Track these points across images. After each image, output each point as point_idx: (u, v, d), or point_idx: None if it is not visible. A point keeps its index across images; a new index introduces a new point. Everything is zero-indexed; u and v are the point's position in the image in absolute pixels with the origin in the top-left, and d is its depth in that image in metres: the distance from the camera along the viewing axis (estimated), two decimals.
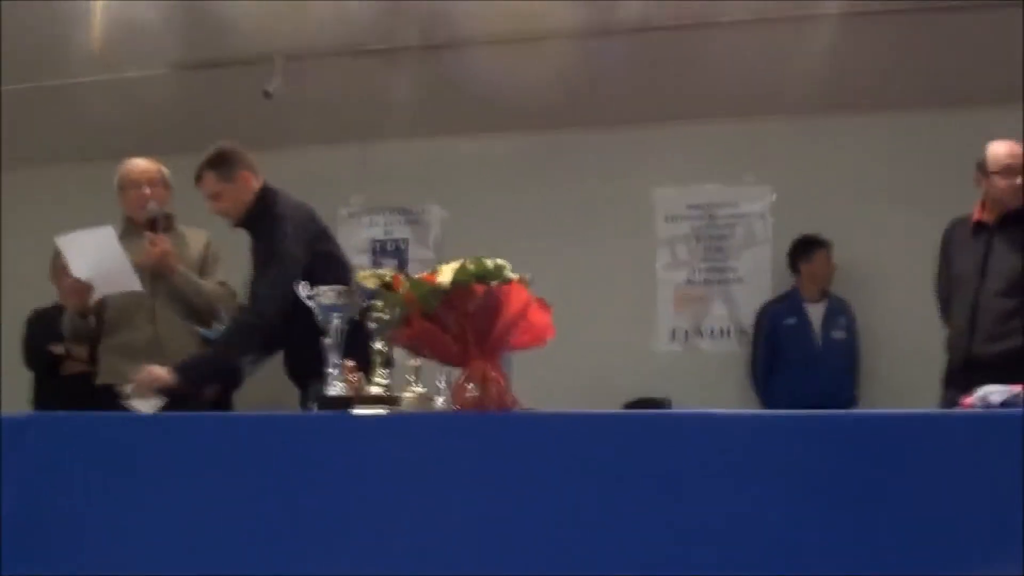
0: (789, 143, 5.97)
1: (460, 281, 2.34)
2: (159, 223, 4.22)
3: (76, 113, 6.39)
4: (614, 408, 4.67)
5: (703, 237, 5.86)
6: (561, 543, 2.28)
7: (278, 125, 6.37)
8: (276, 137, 6.50)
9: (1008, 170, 4.43)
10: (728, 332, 5.96)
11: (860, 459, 2.18)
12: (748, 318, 5.97)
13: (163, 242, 4.16)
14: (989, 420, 2.25)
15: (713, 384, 5.78)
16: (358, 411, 2.58)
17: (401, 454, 2.41)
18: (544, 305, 2.49)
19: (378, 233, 6.52)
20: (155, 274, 4.17)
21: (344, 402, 2.67)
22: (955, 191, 5.67)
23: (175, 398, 3.70)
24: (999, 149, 4.47)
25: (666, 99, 5.99)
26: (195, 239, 4.46)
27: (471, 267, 2.36)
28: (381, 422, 2.49)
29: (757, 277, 5.97)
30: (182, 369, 3.81)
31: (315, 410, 2.73)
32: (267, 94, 5.97)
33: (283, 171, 6.50)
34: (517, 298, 2.41)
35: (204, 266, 4.39)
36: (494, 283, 2.38)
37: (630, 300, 5.60)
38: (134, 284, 4.08)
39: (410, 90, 6.18)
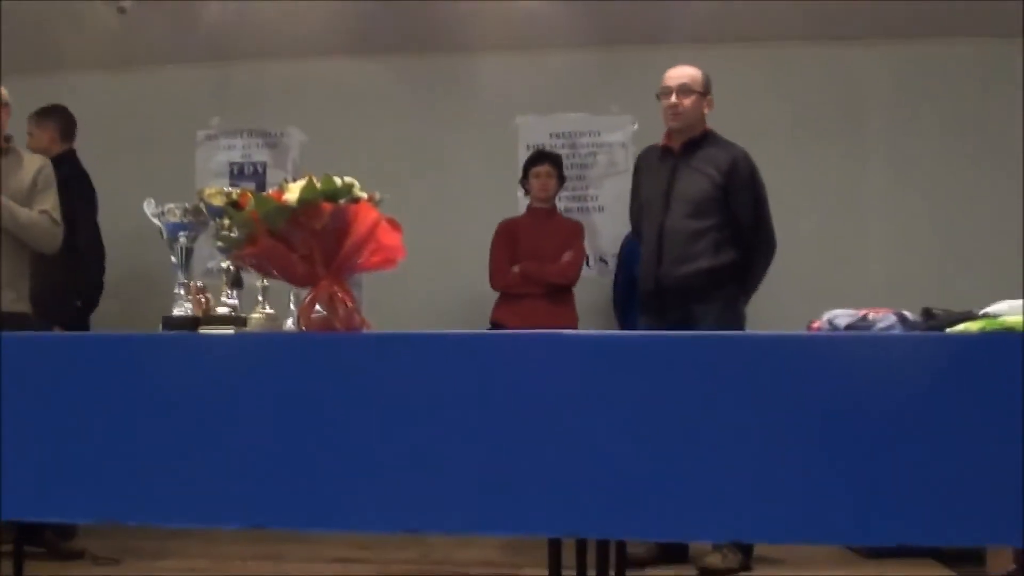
0: (654, 73, 5.99)
1: (307, 199, 2.30)
2: None
3: None
4: None
5: (565, 166, 5.86)
6: (406, 464, 2.29)
7: (133, 44, 6.17)
8: (131, 56, 6.31)
9: (664, 91, 4.62)
10: (588, 261, 6.01)
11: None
12: (609, 247, 6.04)
13: None
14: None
15: None
16: (205, 331, 2.55)
17: (248, 375, 2.39)
18: (394, 225, 2.46)
19: (236, 156, 6.39)
20: None
21: (191, 322, 2.63)
22: (815, 125, 5.86)
23: None
24: (666, 72, 4.67)
25: (530, 26, 5.98)
26: (30, 164, 4.41)
27: (319, 185, 2.33)
28: (227, 342, 2.46)
29: (618, 206, 5.99)
30: None
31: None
32: (121, 10, 5.79)
33: (138, 91, 6.36)
34: (366, 217, 2.37)
35: (33, 192, 4.34)
36: (342, 201, 2.35)
37: (491, 227, 5.59)
38: None
39: (270, 9, 6.05)
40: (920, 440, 2.12)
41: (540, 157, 5.65)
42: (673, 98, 4.55)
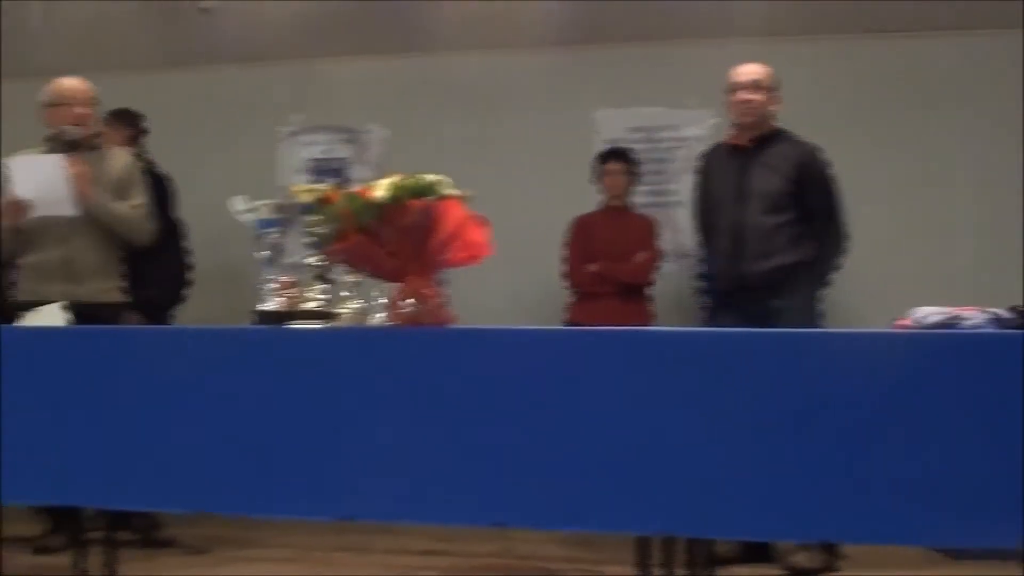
0: (731, 68, 5.96)
1: (396, 196, 2.34)
2: (78, 145, 4.30)
3: (8, 31, 6.23)
4: None
5: (644, 160, 5.83)
6: (493, 457, 2.31)
7: (215, 42, 6.26)
8: (215, 54, 6.40)
9: (734, 87, 4.60)
10: (667, 255, 5.98)
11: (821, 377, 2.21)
12: (689, 241, 5.98)
13: (76, 165, 4.21)
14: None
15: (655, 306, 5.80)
16: (295, 325, 2.59)
17: (336, 368, 2.42)
18: (481, 222, 2.49)
19: (317, 152, 6.46)
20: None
21: (281, 316, 2.68)
22: (893, 119, 5.78)
23: None
24: (735, 69, 4.66)
25: (608, 21, 5.96)
26: (119, 158, 4.52)
27: (407, 182, 2.36)
28: (317, 336, 2.50)
29: None
30: None
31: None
32: (204, 10, 5.86)
33: (222, 89, 6.46)
34: (453, 214, 2.41)
35: (122, 186, 4.44)
36: (430, 199, 2.38)
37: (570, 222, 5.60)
38: (71, 209, 4.21)
39: (352, 7, 6.10)
40: (1005, 442, 2.10)
41: (609, 154, 5.64)
42: (744, 94, 4.55)
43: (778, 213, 4.52)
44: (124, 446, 2.56)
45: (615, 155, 5.62)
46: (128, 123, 5.34)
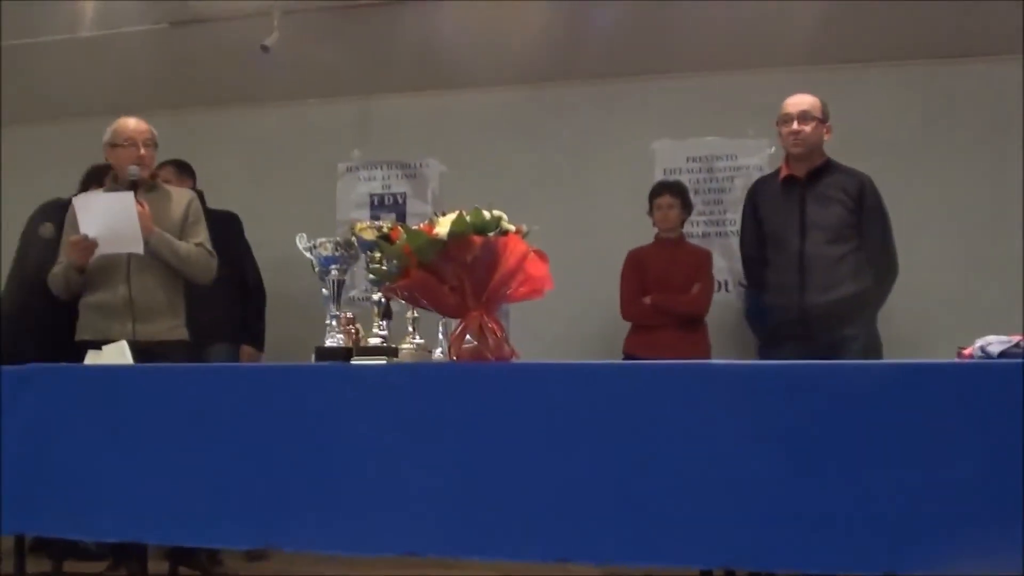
0: (788, 96, 5.93)
1: (458, 232, 2.35)
2: (139, 184, 4.32)
3: (76, 70, 6.36)
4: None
5: (702, 190, 5.83)
6: (555, 492, 2.30)
7: (276, 80, 6.34)
8: (274, 92, 6.49)
9: (785, 118, 4.61)
10: (726, 285, 5.95)
11: (855, 410, 2.19)
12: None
13: (139, 204, 4.22)
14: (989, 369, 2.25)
15: (711, 337, 5.77)
16: (357, 361, 2.60)
17: (399, 404, 2.43)
18: (542, 256, 2.50)
19: (376, 187, 6.52)
20: None
21: (343, 353, 2.69)
22: (957, 143, 5.71)
23: None
24: (785, 100, 4.67)
25: (665, 51, 5.96)
26: (179, 198, 4.56)
27: (469, 218, 2.37)
28: (379, 372, 2.51)
29: None
30: None
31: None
32: (264, 48, 5.94)
33: (281, 126, 6.54)
34: (514, 249, 2.42)
35: (185, 225, 4.49)
36: (491, 234, 2.39)
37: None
38: (137, 247, 4.20)
39: (409, 44, 6.16)
40: None
41: (661, 188, 5.61)
42: (794, 124, 4.56)
43: (840, 243, 4.52)
44: (187, 482, 2.58)
45: (666, 188, 5.59)
46: (188, 173, 5.45)
